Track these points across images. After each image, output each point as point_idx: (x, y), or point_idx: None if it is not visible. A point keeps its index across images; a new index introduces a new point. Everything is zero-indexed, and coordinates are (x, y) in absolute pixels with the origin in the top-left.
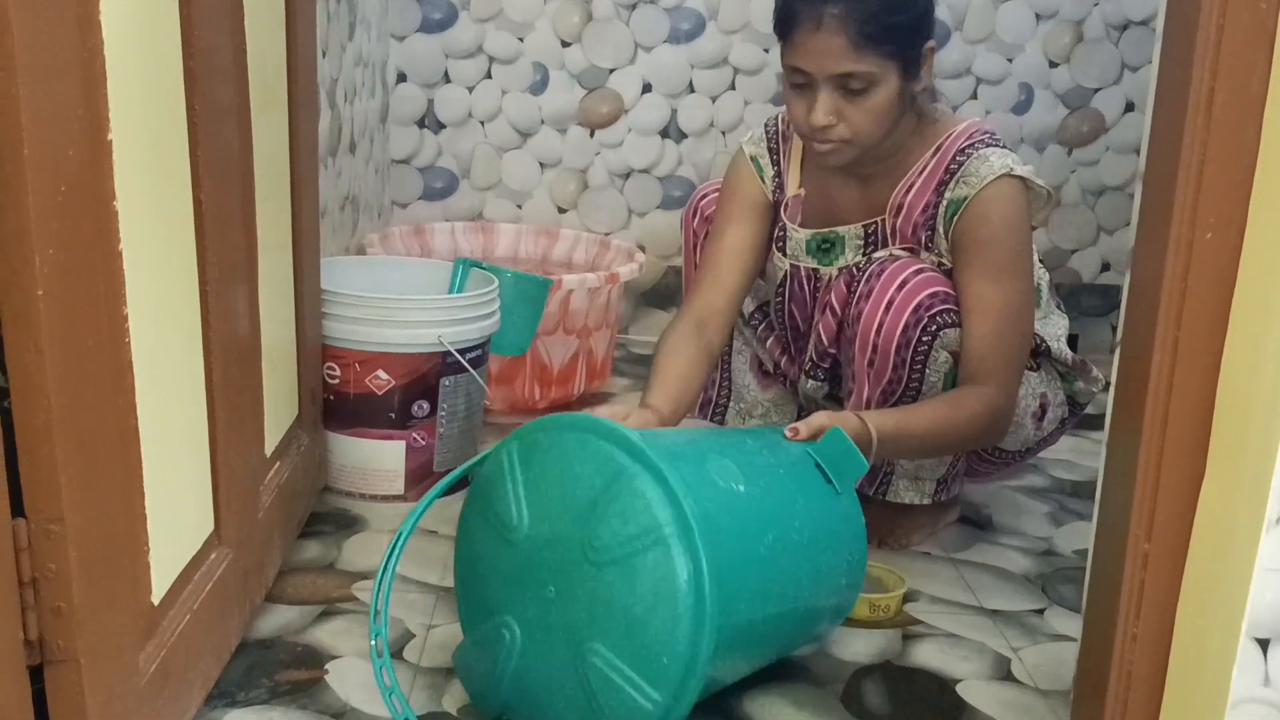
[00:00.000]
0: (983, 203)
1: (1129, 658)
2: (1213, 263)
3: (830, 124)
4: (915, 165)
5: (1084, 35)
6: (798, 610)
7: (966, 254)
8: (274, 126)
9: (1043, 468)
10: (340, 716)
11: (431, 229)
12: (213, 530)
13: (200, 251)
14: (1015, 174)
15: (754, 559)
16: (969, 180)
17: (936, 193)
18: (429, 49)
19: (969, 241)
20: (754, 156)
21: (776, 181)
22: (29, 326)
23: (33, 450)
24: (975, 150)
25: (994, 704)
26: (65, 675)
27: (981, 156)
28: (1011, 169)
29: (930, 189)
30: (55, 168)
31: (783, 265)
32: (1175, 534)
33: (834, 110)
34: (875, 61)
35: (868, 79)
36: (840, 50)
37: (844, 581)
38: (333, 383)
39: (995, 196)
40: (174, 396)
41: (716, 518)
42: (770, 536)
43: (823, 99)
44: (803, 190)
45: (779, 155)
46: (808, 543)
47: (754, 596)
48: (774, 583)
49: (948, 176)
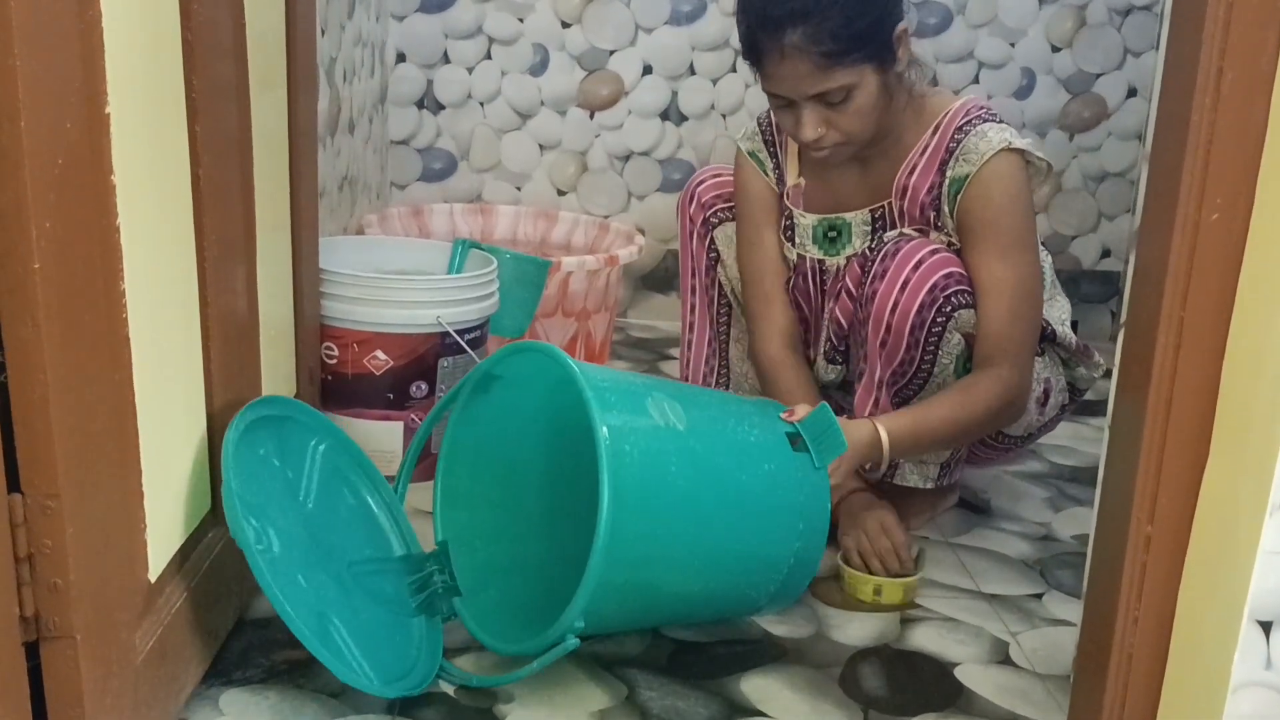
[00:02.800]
0: (984, 180)
1: (1130, 640)
2: (1219, 244)
3: (819, 135)
4: (916, 146)
5: (1086, 20)
6: (718, 554)
7: (974, 234)
8: (273, 104)
9: (1041, 453)
10: (337, 697)
11: (430, 210)
12: (210, 509)
13: (198, 228)
14: (1014, 147)
15: (666, 484)
16: (969, 157)
17: (939, 172)
18: (429, 29)
19: (975, 221)
20: (752, 152)
21: (777, 174)
22: (26, 300)
23: (29, 425)
24: (973, 126)
25: (992, 687)
26: (61, 651)
27: (979, 133)
28: (1010, 143)
29: (934, 169)
30: (52, 140)
31: (790, 255)
32: (1178, 517)
33: (820, 122)
34: (846, 73)
35: (844, 90)
36: (809, 73)
37: (797, 545)
38: (331, 363)
39: (996, 172)
40: (172, 374)
41: (630, 427)
42: (693, 471)
43: (807, 116)
44: (802, 180)
45: (775, 148)
46: (746, 494)
47: (657, 515)
48: (687, 516)
49: (948, 155)
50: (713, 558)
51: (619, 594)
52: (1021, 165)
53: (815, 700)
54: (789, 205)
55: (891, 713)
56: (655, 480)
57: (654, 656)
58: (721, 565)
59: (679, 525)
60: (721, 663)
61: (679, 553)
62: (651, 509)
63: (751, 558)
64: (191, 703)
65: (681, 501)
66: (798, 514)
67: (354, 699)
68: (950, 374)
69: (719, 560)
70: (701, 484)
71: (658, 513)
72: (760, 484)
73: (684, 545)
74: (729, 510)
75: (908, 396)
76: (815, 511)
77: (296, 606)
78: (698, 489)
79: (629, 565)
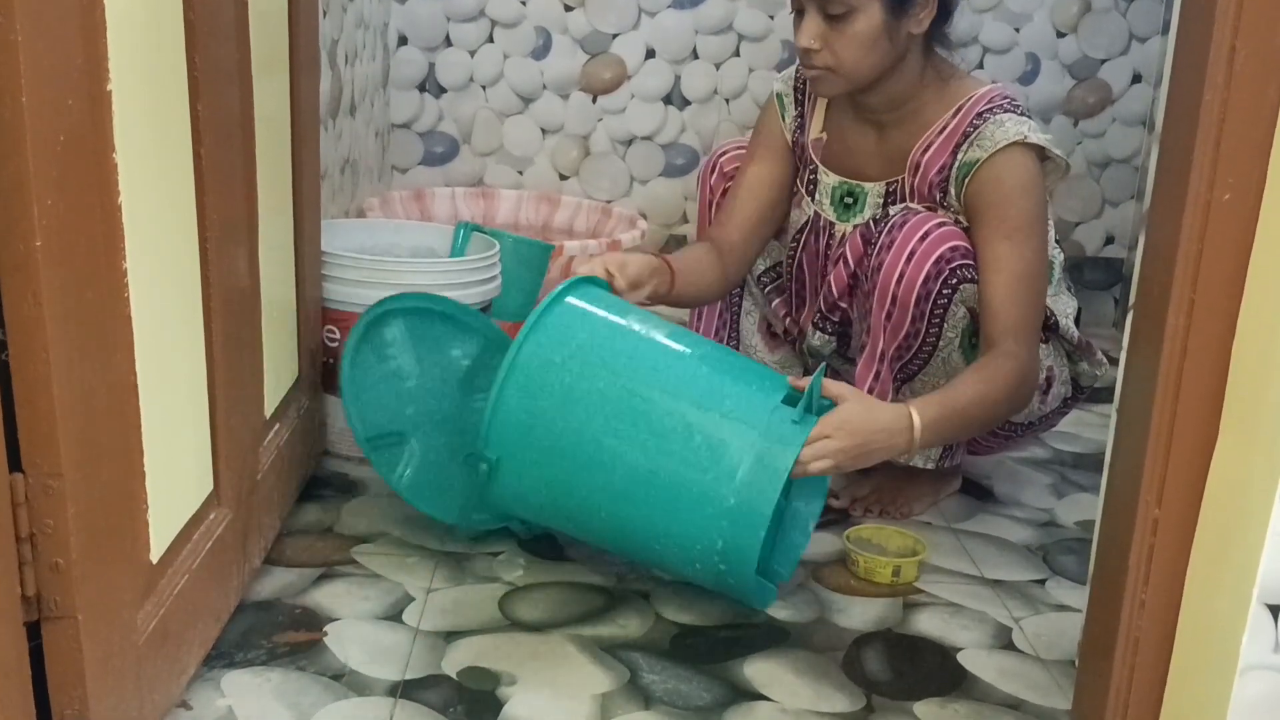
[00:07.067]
0: (993, 167)
1: (1137, 624)
2: (1231, 225)
3: (812, 47)
4: (935, 124)
5: (1092, 5)
6: (646, 472)
7: (980, 216)
8: (275, 86)
9: (1044, 440)
10: (339, 678)
11: (432, 194)
12: (212, 490)
13: (200, 209)
14: (1029, 141)
15: (602, 370)
16: (982, 144)
17: (952, 154)
18: (430, 11)
19: (982, 204)
20: (780, 94)
21: (798, 122)
22: (28, 277)
23: (31, 403)
24: (993, 115)
25: (994, 672)
26: (63, 631)
27: (998, 121)
28: (1026, 136)
29: (947, 150)
30: (54, 116)
31: (807, 211)
32: (1186, 500)
33: (817, 35)
34: None
35: (846, 5)
36: None
37: (742, 483)
38: (332, 345)
39: (1006, 162)
40: (173, 354)
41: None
42: (639, 377)
43: (807, 22)
44: (824, 134)
45: (804, 97)
46: (692, 424)
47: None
48: (630, 410)
49: (963, 139)
50: (640, 474)
51: (535, 469)
52: (1035, 159)
53: (818, 684)
54: (813, 158)
55: (894, 697)
56: (593, 362)
57: (656, 640)
58: (650, 483)
59: (604, 422)
60: (724, 646)
61: (601, 450)
62: (577, 391)
63: (685, 485)
64: (193, 684)
65: (615, 398)
66: (750, 457)
67: (356, 681)
68: (955, 349)
69: (645, 478)
70: (645, 391)
71: (585, 395)
72: (711, 417)
73: (607, 445)
74: (665, 433)
75: (912, 372)
76: (770, 465)
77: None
78: (639, 397)
79: (543, 440)
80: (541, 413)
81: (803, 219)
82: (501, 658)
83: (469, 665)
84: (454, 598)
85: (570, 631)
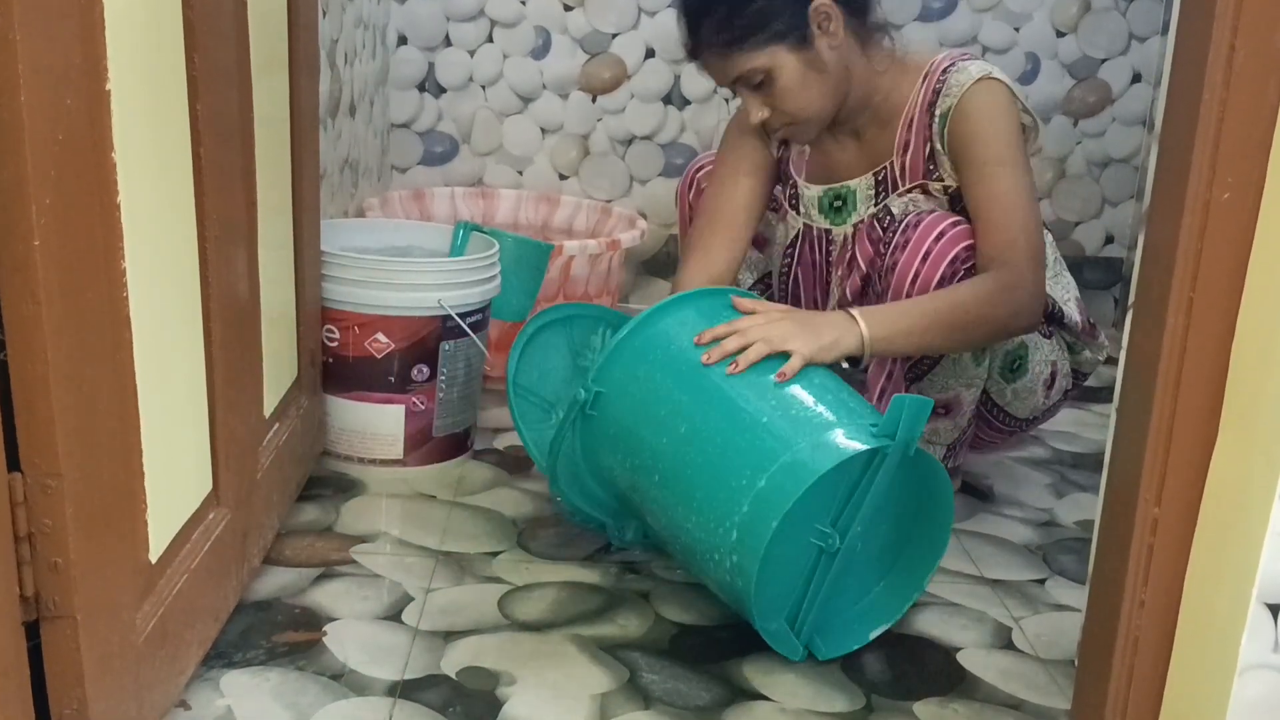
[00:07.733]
0: (965, 104)
1: (1136, 624)
2: (1230, 224)
3: (764, 117)
4: (909, 98)
5: (1091, 5)
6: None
7: (963, 155)
8: (274, 85)
9: (1044, 439)
10: (338, 678)
11: (431, 194)
12: (211, 490)
13: (200, 209)
14: (994, 77)
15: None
16: (951, 91)
17: (930, 114)
18: (430, 11)
19: (961, 144)
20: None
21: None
22: (26, 276)
23: (30, 403)
24: (955, 66)
25: (994, 672)
26: (61, 631)
27: (961, 68)
28: (990, 73)
29: (926, 113)
30: (53, 115)
31: (795, 225)
32: (1186, 499)
33: (759, 105)
34: (752, 57)
35: (760, 72)
36: (719, 65)
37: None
38: (332, 345)
39: (974, 98)
40: (172, 353)
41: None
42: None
43: (745, 100)
44: (807, 148)
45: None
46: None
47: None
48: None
49: (935, 96)
50: (696, 446)
51: (620, 417)
52: (1003, 91)
53: (817, 684)
54: (792, 174)
55: (894, 697)
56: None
57: (656, 639)
58: (700, 459)
59: (685, 395)
60: (724, 646)
61: (676, 415)
62: (677, 362)
63: (727, 470)
64: (192, 684)
65: (702, 386)
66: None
67: (355, 680)
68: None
69: (699, 451)
70: (734, 388)
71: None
72: (786, 423)
73: (683, 412)
74: (737, 425)
75: (922, 371)
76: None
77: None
78: (726, 386)
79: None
80: (642, 376)
81: (792, 232)
82: (501, 657)
83: (468, 665)
84: (453, 597)
85: (570, 631)
